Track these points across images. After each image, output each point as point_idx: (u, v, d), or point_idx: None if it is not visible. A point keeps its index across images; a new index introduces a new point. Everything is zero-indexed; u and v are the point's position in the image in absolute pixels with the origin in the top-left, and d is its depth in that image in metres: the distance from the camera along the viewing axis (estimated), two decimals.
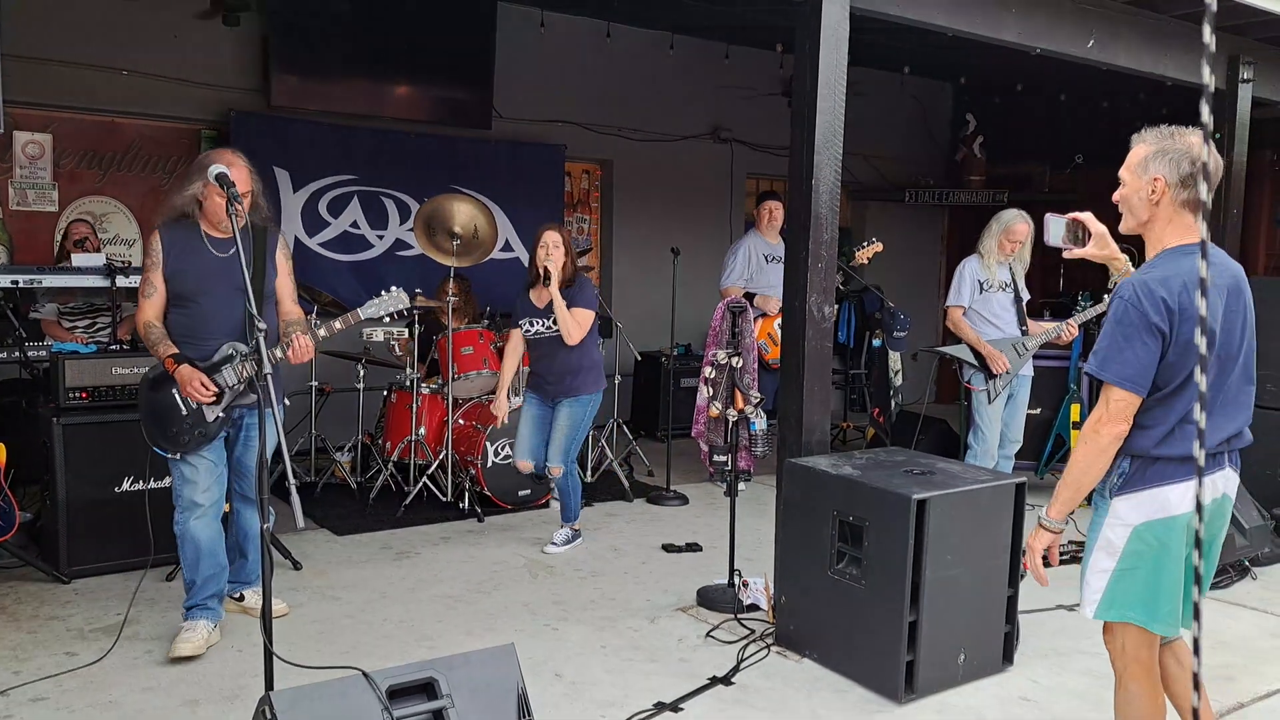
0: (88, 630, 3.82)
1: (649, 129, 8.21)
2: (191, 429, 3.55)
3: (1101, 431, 2.37)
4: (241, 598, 4.01)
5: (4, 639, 3.73)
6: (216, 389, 3.49)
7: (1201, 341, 1.13)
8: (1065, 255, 2.58)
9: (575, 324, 4.66)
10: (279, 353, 3.51)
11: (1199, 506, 1.21)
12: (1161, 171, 2.35)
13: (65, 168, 6.33)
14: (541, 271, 4.66)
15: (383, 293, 3.65)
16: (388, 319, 3.71)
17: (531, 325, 4.78)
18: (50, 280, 4.86)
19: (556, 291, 4.62)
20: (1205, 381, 1.12)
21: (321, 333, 3.61)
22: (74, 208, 6.35)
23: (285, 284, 3.73)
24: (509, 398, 5.02)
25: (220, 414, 3.56)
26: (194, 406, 3.53)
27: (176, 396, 3.53)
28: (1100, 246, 2.57)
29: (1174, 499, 2.35)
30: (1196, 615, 1.30)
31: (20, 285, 4.71)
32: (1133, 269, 2.51)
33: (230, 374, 3.52)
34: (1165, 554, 2.36)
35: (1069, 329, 5.44)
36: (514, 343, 4.91)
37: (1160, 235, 2.39)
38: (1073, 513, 2.50)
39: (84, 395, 4.28)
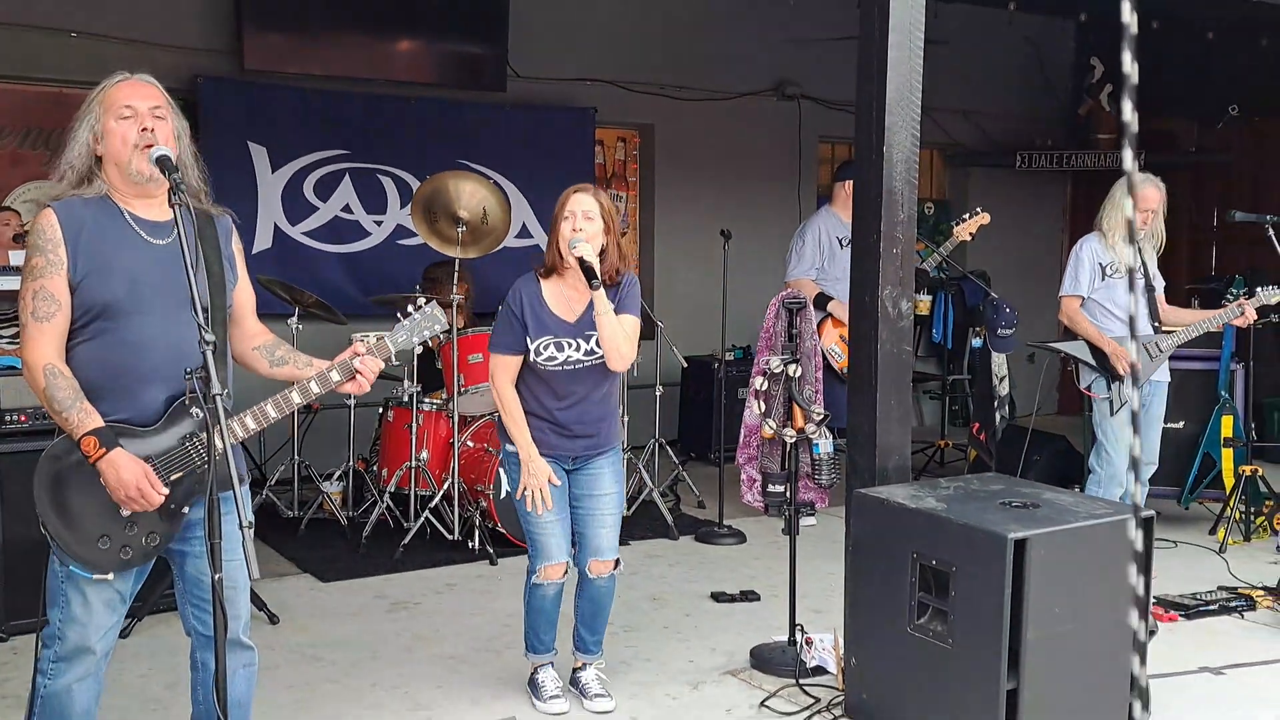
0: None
1: (698, 86, 8.19)
2: (139, 534, 2.80)
3: None
4: None
5: None
6: (167, 492, 2.75)
7: None
8: None
9: (629, 339, 3.76)
10: (309, 390, 2.85)
11: None
12: None
13: (6, 148, 6.51)
14: (574, 261, 3.65)
15: (410, 310, 3.12)
16: (420, 347, 3.26)
17: (559, 350, 3.75)
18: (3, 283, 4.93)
19: (601, 292, 3.65)
20: None
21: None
22: (17, 195, 6.51)
23: (247, 294, 3.05)
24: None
25: (189, 506, 2.84)
26: None
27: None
28: None
29: None
30: None
31: None
32: None
33: (195, 453, 2.79)
34: None
35: (1246, 311, 5.34)
36: (510, 376, 3.81)
37: None
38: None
39: (23, 419, 4.37)
